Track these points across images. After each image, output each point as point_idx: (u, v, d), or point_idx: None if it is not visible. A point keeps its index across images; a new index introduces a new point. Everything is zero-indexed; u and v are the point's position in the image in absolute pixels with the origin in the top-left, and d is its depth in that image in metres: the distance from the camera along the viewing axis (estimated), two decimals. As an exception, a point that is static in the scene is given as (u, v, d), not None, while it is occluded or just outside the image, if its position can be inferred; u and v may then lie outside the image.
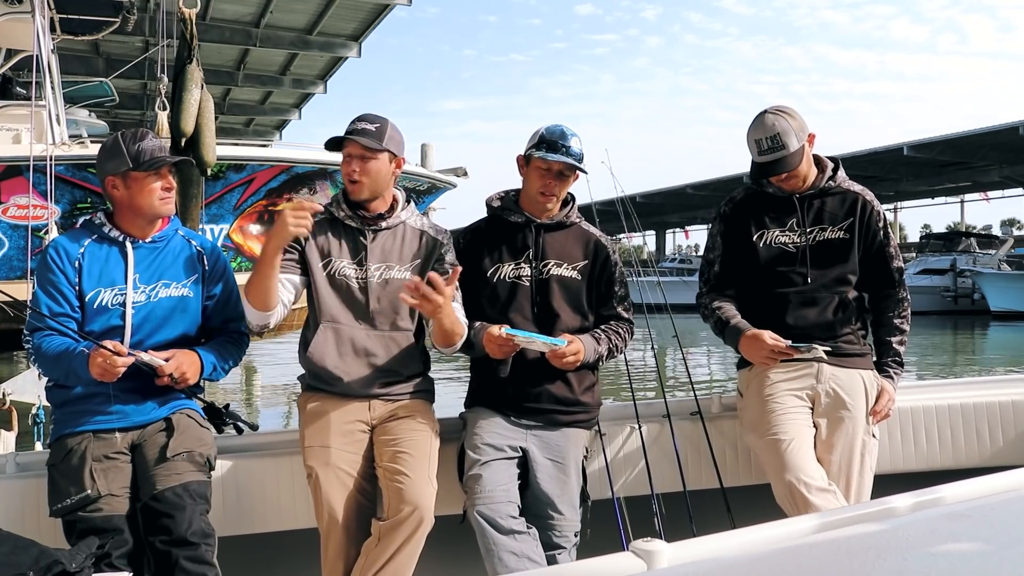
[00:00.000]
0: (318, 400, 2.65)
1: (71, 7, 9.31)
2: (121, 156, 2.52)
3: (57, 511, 2.37)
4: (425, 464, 2.55)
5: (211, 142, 7.79)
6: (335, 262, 2.66)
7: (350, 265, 2.67)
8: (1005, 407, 3.29)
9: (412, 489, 2.46)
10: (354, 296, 2.66)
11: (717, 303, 2.99)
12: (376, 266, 2.67)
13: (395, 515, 2.44)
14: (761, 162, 2.85)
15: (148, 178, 2.52)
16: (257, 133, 25.88)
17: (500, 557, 2.45)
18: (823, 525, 1.30)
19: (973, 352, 20.29)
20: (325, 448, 2.55)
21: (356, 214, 2.69)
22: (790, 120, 2.82)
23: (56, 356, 2.43)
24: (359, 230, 2.69)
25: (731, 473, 3.06)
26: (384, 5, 16.41)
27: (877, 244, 2.94)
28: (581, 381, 2.79)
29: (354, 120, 2.67)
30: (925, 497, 1.36)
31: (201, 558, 2.30)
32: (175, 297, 2.58)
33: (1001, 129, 26.95)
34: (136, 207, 2.55)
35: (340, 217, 2.70)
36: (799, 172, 2.87)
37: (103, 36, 10.30)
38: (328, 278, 2.66)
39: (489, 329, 2.66)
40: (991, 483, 1.42)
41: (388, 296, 2.67)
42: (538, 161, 2.75)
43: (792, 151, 2.80)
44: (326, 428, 2.58)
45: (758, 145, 2.83)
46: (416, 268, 2.70)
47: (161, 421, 2.54)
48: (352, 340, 2.64)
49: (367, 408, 2.64)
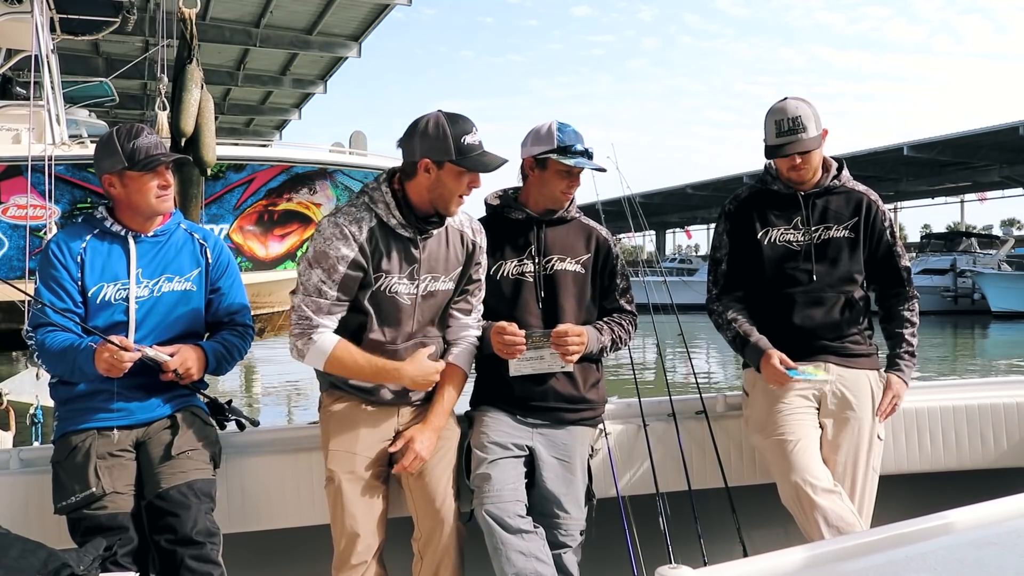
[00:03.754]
0: (345, 403, 2.58)
1: (71, 7, 9.29)
2: (116, 155, 2.49)
3: (62, 508, 2.36)
4: (447, 471, 2.58)
5: (211, 142, 7.79)
6: (386, 279, 2.49)
7: (400, 280, 2.50)
8: (1010, 409, 3.28)
9: (437, 499, 2.51)
10: (401, 313, 2.53)
11: (732, 314, 2.97)
12: (424, 278, 2.54)
13: (427, 532, 2.51)
14: (777, 144, 2.84)
15: (144, 177, 2.49)
16: (257, 133, 25.85)
17: (508, 556, 2.44)
18: (847, 551, 1.27)
19: (974, 352, 20.29)
20: (351, 455, 2.51)
21: (408, 221, 2.49)
22: (810, 108, 2.85)
23: (60, 352, 2.42)
24: (411, 239, 2.51)
25: (736, 473, 3.06)
26: (384, 5, 16.39)
27: (885, 245, 2.94)
28: (586, 378, 2.79)
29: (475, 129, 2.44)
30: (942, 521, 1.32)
31: (206, 557, 2.29)
32: (178, 291, 2.57)
33: (1001, 129, 26.98)
34: (134, 205, 2.54)
35: (392, 225, 2.48)
36: (811, 159, 2.86)
37: (103, 36, 10.28)
38: (378, 294, 2.50)
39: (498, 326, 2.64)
40: (1011, 506, 1.39)
41: (430, 308, 2.60)
42: (559, 165, 2.73)
43: (810, 136, 2.81)
44: (354, 435, 2.53)
45: (778, 126, 2.84)
46: (457, 276, 2.63)
47: (166, 419, 2.53)
48: (393, 354, 2.54)
49: (396, 414, 2.60)
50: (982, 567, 1.05)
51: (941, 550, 1.20)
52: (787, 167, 2.88)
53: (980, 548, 1.13)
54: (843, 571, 1.20)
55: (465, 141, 2.39)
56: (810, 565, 1.21)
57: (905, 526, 1.31)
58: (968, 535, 1.29)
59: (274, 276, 8.69)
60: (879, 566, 1.11)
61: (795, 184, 2.93)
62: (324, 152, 9.28)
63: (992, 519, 1.34)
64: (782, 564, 1.22)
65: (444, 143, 2.38)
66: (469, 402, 2.87)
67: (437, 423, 2.58)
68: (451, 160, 2.39)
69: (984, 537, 1.19)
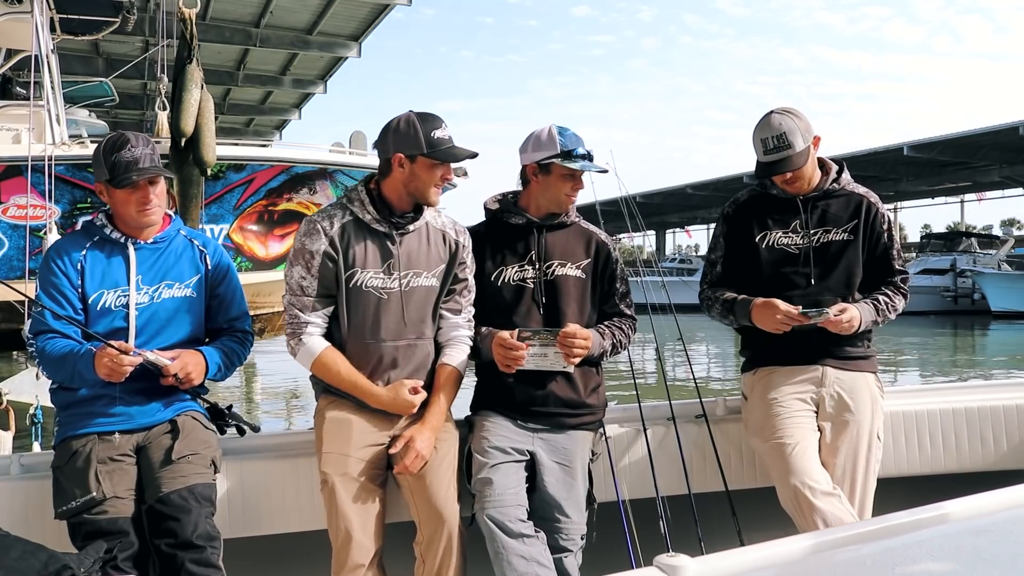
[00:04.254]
0: (339, 407, 2.60)
1: (71, 7, 9.28)
2: (101, 167, 2.50)
3: (62, 513, 2.36)
4: (449, 475, 2.58)
5: (211, 142, 7.79)
6: (360, 273, 2.55)
7: (376, 275, 2.56)
8: (1009, 411, 3.28)
9: (440, 504, 2.51)
10: (381, 309, 2.57)
11: (718, 292, 3.00)
12: (403, 274, 2.59)
13: (429, 534, 2.51)
14: (766, 161, 2.84)
15: (123, 191, 2.49)
16: (257, 133, 25.82)
17: (510, 561, 2.45)
18: (845, 539, 1.28)
19: (974, 352, 20.30)
20: (344, 457, 2.52)
21: (383, 216, 2.58)
22: (796, 121, 2.82)
23: (61, 358, 2.42)
24: (387, 235, 2.59)
25: (736, 476, 3.06)
26: (384, 5, 16.38)
27: (881, 246, 2.93)
28: (587, 383, 2.79)
29: (444, 125, 2.56)
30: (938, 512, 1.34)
31: (207, 561, 2.29)
32: (178, 298, 2.57)
33: (1001, 129, 26.93)
34: (119, 215, 2.55)
35: (366, 220, 2.58)
36: (803, 173, 2.87)
37: (103, 36, 10.27)
38: (353, 290, 2.56)
39: (499, 335, 2.65)
40: (1005, 497, 1.40)
41: (415, 305, 2.62)
42: (564, 169, 2.75)
43: (798, 151, 2.80)
44: (347, 437, 2.54)
45: (764, 144, 2.83)
46: (441, 273, 2.66)
47: (166, 423, 2.53)
48: (379, 355, 2.58)
49: (391, 419, 2.60)
50: (979, 554, 1.06)
51: (938, 538, 1.21)
52: (780, 183, 2.90)
53: (977, 536, 1.13)
54: (841, 559, 1.20)
55: (435, 135, 2.52)
56: (808, 554, 1.22)
57: (901, 516, 1.32)
58: (964, 524, 1.29)
59: (274, 276, 8.69)
60: (876, 553, 1.12)
61: (791, 192, 2.94)
62: (324, 152, 9.28)
63: (988, 509, 1.35)
64: (779, 553, 1.22)
65: (415, 138, 2.51)
66: (469, 406, 2.87)
67: (435, 422, 2.59)
68: (422, 153, 2.51)
69: (981, 525, 1.20)
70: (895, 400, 3.20)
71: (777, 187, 2.96)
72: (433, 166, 2.54)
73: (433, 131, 2.52)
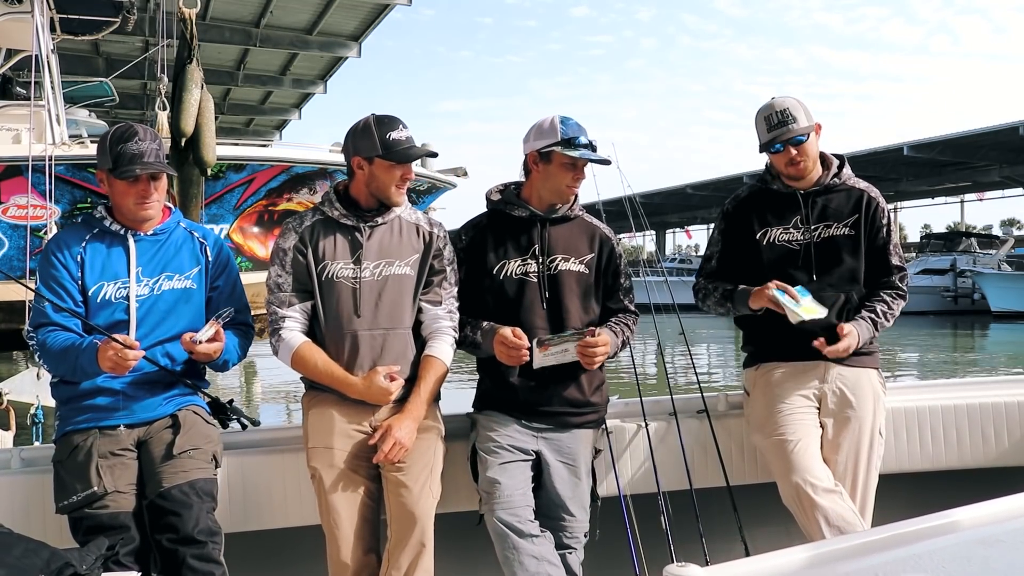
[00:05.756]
0: (321, 401, 2.62)
1: (71, 7, 9.29)
2: (105, 155, 2.49)
3: (63, 508, 2.36)
4: (425, 473, 2.55)
5: (211, 142, 7.79)
6: (331, 265, 2.61)
7: (347, 266, 2.61)
8: (1011, 407, 3.28)
9: (411, 502, 2.49)
10: (353, 298, 2.60)
11: (713, 283, 3.00)
12: (375, 263, 2.62)
13: (398, 534, 2.48)
14: (770, 137, 2.83)
15: (123, 183, 2.48)
16: (257, 133, 25.83)
17: (521, 561, 2.45)
18: (855, 549, 1.27)
19: (974, 352, 20.29)
20: (329, 450, 2.53)
21: (350, 212, 2.65)
22: (798, 102, 2.85)
23: (62, 351, 2.41)
24: (355, 227, 2.64)
25: (737, 471, 3.05)
26: (384, 5, 16.39)
27: (880, 240, 2.92)
28: (591, 381, 2.78)
29: (401, 127, 2.62)
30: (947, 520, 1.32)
31: (208, 556, 2.29)
32: (179, 289, 2.56)
33: (1001, 129, 26.94)
34: (117, 206, 2.55)
35: (334, 216, 2.65)
36: (809, 150, 2.84)
37: (103, 36, 10.28)
38: (326, 282, 2.61)
39: (501, 331, 2.64)
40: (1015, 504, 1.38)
41: (389, 294, 2.63)
42: (564, 157, 2.71)
43: (801, 125, 2.81)
44: (330, 430, 2.56)
45: (767, 121, 2.84)
46: (416, 263, 2.68)
47: (168, 418, 2.52)
48: (354, 344, 2.59)
49: (371, 410, 2.60)
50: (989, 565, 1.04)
51: (948, 548, 1.19)
52: (784, 162, 2.86)
53: (988, 546, 1.12)
54: (850, 570, 1.20)
55: (391, 137, 2.59)
56: (817, 564, 1.21)
57: (911, 524, 1.30)
58: (974, 533, 1.28)
59: (274, 276, 8.67)
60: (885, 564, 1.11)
61: (795, 181, 2.91)
62: (324, 152, 9.27)
63: (997, 517, 1.33)
64: (789, 563, 1.22)
65: (371, 141, 2.59)
66: (472, 404, 2.86)
67: (416, 412, 2.57)
68: (378, 155, 2.59)
69: (991, 535, 1.18)
70: (897, 396, 3.20)
71: (779, 181, 2.95)
72: (391, 167, 2.60)
73: (389, 133, 2.58)
